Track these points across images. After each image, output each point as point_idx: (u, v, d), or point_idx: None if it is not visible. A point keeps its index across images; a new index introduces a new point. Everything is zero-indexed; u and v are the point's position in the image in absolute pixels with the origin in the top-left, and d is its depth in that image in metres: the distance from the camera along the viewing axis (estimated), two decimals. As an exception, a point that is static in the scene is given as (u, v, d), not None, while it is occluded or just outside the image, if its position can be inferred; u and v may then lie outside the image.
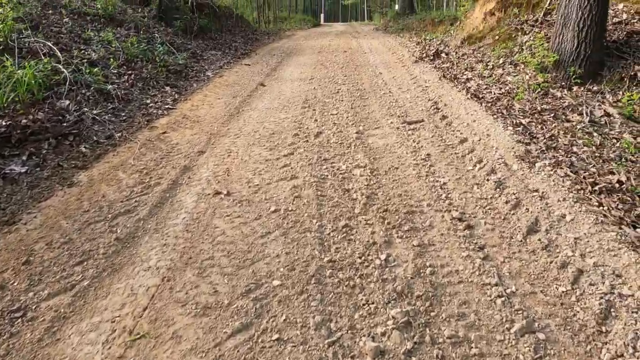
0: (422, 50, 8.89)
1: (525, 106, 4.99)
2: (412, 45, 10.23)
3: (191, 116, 4.89)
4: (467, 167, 3.50)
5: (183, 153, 3.77)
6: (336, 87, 6.25)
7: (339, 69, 7.74)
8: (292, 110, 5.13)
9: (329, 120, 4.74)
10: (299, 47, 11.36)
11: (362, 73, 7.29)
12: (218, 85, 6.49)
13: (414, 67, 7.52)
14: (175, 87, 5.94)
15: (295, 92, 6.05)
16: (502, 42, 7.11)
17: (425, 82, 6.36)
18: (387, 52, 9.52)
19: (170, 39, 7.71)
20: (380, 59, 8.57)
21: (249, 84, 6.58)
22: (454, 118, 4.68)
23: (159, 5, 8.35)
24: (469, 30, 8.38)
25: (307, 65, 8.14)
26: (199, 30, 9.28)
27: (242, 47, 10.22)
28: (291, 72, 7.51)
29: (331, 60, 8.65)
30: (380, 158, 3.68)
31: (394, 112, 4.99)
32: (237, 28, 12.50)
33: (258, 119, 4.81)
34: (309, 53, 9.94)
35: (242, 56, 9.21)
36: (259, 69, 7.84)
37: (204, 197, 2.97)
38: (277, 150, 3.84)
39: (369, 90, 6.06)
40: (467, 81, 6.21)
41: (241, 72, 7.59)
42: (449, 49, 8.40)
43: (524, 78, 5.85)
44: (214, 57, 8.33)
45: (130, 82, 5.48)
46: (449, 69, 7.06)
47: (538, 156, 3.59)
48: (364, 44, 11.47)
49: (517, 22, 7.22)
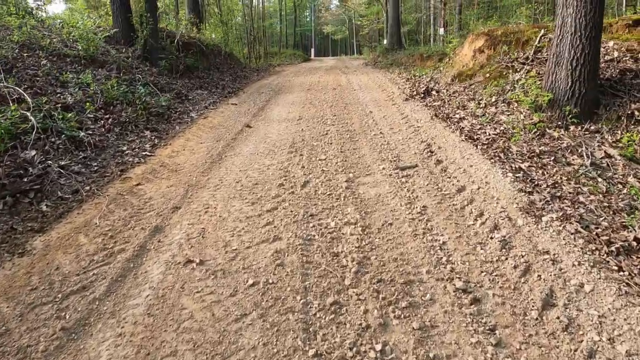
0: (413, 87, 8.79)
1: (522, 148, 4.76)
2: (402, 81, 10.17)
3: (169, 164, 4.58)
4: (467, 221, 3.19)
5: (156, 210, 3.43)
6: (325, 128, 6.01)
7: (328, 107, 7.56)
8: (278, 155, 4.85)
9: (317, 166, 4.46)
10: (288, 84, 11.27)
11: (351, 112, 7.10)
12: (202, 127, 6.22)
13: (404, 105, 7.36)
14: (155, 131, 5.65)
15: (282, 134, 5.79)
16: (494, 79, 7.00)
17: (417, 121, 6.16)
18: (376, 89, 9.42)
19: (154, 80, 7.50)
20: (370, 97, 8.43)
21: (234, 126, 6.32)
22: (450, 163, 4.42)
23: (143, 45, 8.20)
24: (459, 67, 8.31)
25: (295, 104, 7.96)
26: (185, 70, 9.13)
27: (230, 85, 10.06)
28: (279, 112, 7.29)
29: (320, 99, 8.49)
30: (373, 212, 3.37)
31: (386, 156, 4.73)
32: (225, 65, 12.44)
33: (241, 166, 4.50)
34: (298, 90, 9.81)
35: (229, 95, 9.03)
36: (246, 109, 7.62)
37: (173, 267, 2.60)
38: (260, 204, 3.52)
39: (359, 132, 5.83)
40: (460, 120, 6.02)
41: (227, 112, 7.36)
42: (440, 86, 8.30)
43: (519, 117, 5.67)
44: (200, 97, 8.12)
45: (107, 127, 5.19)
46: (441, 107, 6.89)
47: (543, 208, 3.31)
48: (353, 81, 11.41)
49: (508, 59, 7.14)
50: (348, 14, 49.59)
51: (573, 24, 5.28)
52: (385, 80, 11.04)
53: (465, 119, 6.07)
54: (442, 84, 8.43)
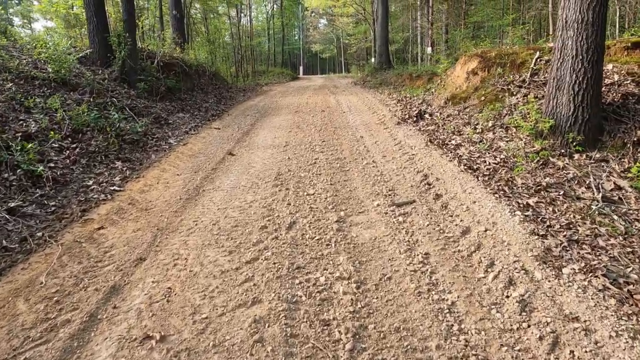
0: (404, 109, 8.48)
1: (527, 180, 4.40)
2: (393, 102, 9.87)
3: (140, 201, 4.10)
4: (477, 273, 2.77)
5: (116, 262, 2.94)
6: (313, 156, 5.61)
7: (316, 132, 7.17)
8: (262, 189, 4.41)
9: (305, 202, 4.02)
10: (275, 105, 10.91)
11: (341, 137, 6.72)
12: (180, 155, 5.76)
13: (397, 129, 7.01)
14: (128, 161, 5.17)
15: (268, 163, 5.37)
16: (489, 103, 6.71)
17: (411, 148, 5.80)
18: (367, 111, 9.09)
19: (131, 103, 7.05)
20: (361, 120, 8.09)
21: (216, 154, 5.88)
22: (450, 198, 4.03)
23: (121, 67, 7.77)
24: (452, 89, 8.04)
25: (282, 128, 7.56)
26: (166, 92, 8.70)
27: (214, 107, 9.64)
28: (264, 137, 6.88)
29: (308, 122, 8.11)
30: (368, 262, 2.93)
31: (380, 190, 4.32)
32: (210, 86, 12.03)
33: (220, 203, 4.04)
34: (285, 113, 9.44)
35: (212, 118, 8.60)
36: (230, 134, 7.19)
37: (126, 346, 2.12)
38: (239, 253, 3.05)
39: (349, 160, 5.44)
40: (457, 147, 5.67)
41: (209, 137, 6.93)
42: (432, 109, 8.00)
43: (519, 145, 5.34)
44: (181, 121, 7.68)
45: (73, 158, 4.70)
46: (435, 132, 6.56)
47: (561, 256, 2.91)
48: (342, 102, 11.10)
49: (503, 82, 6.87)
50: (336, 33, 50.01)
51: (574, 46, 5.02)
52: (375, 101, 10.75)
53: (462, 145, 5.73)
54: (435, 106, 8.14)
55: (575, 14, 4.97)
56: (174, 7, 13.68)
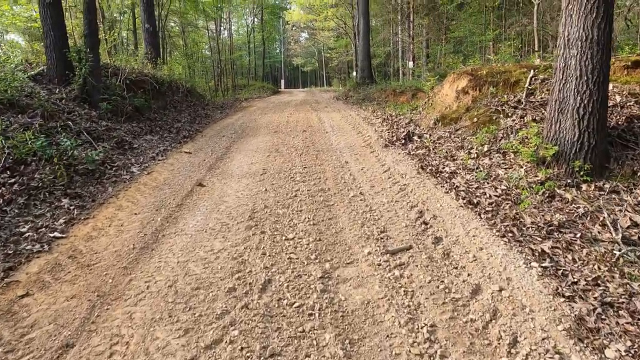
0: (391, 130, 7.98)
1: (536, 217, 3.89)
2: (378, 121, 9.38)
3: (83, 252, 3.40)
4: (498, 356, 2.19)
5: (33, 352, 2.25)
6: (293, 187, 5.00)
7: (297, 156, 6.58)
8: (233, 232, 3.77)
9: (283, 251, 3.40)
10: (253, 124, 10.29)
11: (324, 162, 6.14)
12: (142, 188, 5.08)
13: (384, 153, 6.48)
14: (78, 198, 4.46)
15: (242, 197, 4.73)
16: (483, 125, 6.26)
17: (401, 176, 5.26)
18: (351, 131, 8.56)
19: (90, 126, 6.33)
20: (345, 142, 7.54)
21: (184, 185, 5.21)
22: (452, 242, 3.47)
23: (82, 85, 7.05)
24: (441, 109, 7.59)
25: (260, 152, 6.94)
26: (133, 111, 7.99)
27: (187, 128, 8.94)
28: (240, 163, 6.25)
29: (288, 144, 7.52)
30: (361, 340, 2.33)
31: (371, 231, 3.74)
32: (185, 103, 11.34)
33: (182, 254, 3.39)
34: (264, 133, 8.83)
35: (184, 140, 7.91)
36: (201, 159, 6.53)
37: None
38: (197, 332, 2.40)
39: (334, 191, 4.85)
40: (452, 176, 5.15)
41: (178, 164, 6.25)
42: (421, 130, 7.51)
43: (520, 173, 4.85)
44: (148, 145, 6.98)
45: (7, 197, 3.98)
46: (426, 156, 6.05)
47: (598, 329, 2.36)
48: (325, 119, 10.57)
49: (497, 102, 6.44)
50: (317, 47, 50.04)
51: (578, 66, 4.59)
52: (358, 119, 10.25)
53: (458, 173, 5.22)
54: (423, 127, 7.66)
55: (578, 31, 4.55)
56: (147, 21, 12.98)
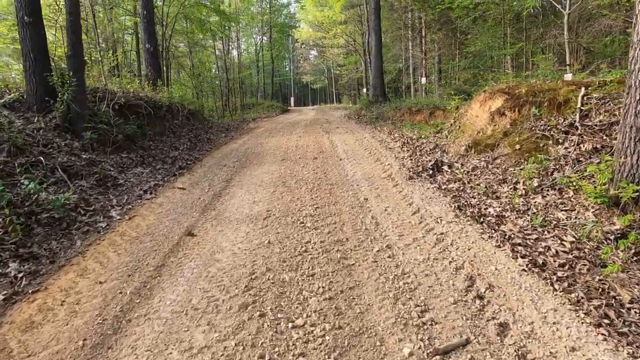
0: (414, 156, 7.01)
1: (633, 290, 2.86)
2: (397, 145, 8.42)
3: (13, 354, 2.46)
4: None
5: None
6: (303, 238, 4.04)
7: (307, 192, 5.63)
8: (223, 316, 2.80)
9: (288, 350, 2.42)
10: (259, 149, 9.40)
11: (340, 200, 5.18)
12: (119, 240, 4.16)
13: (410, 187, 5.50)
14: (32, 259, 3.55)
15: (239, 253, 3.78)
16: (527, 153, 5.26)
17: (436, 221, 4.27)
18: (367, 158, 7.60)
19: (68, 161, 5.47)
20: (362, 172, 6.58)
21: (170, 234, 4.28)
22: (525, 335, 2.46)
23: (64, 112, 6.25)
24: (472, 133, 6.61)
25: (264, 186, 6.01)
26: (124, 140, 7.16)
27: (185, 157, 8.06)
28: (240, 202, 5.32)
29: (297, 176, 6.58)
30: None
31: (408, 311, 2.74)
32: (185, 127, 10.52)
33: (148, 356, 2.42)
34: (270, 161, 7.92)
35: (180, 172, 7.02)
36: (196, 197, 5.61)
37: None
38: None
39: (354, 244, 3.88)
40: (500, 221, 4.14)
41: (168, 204, 5.34)
42: (450, 157, 6.53)
43: (587, 217, 3.83)
44: (136, 180, 6.10)
45: None
46: (462, 192, 5.05)
47: None
48: (337, 143, 9.65)
49: (542, 126, 5.45)
50: (327, 64, 49.69)
51: (666, 85, 3.61)
52: (374, 142, 9.31)
53: (506, 217, 4.21)
54: (452, 154, 6.68)
55: (667, 40, 3.58)
56: (147, 41, 12.30)
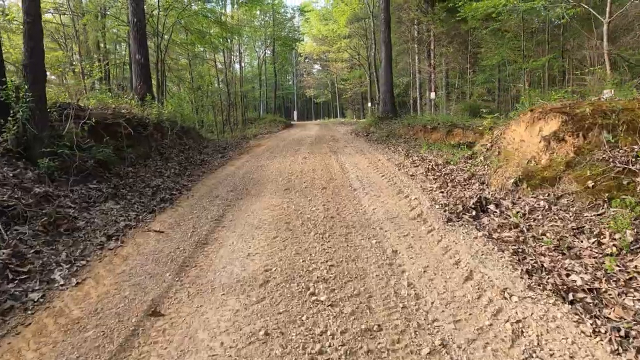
0: (445, 188, 5.76)
1: None
2: (419, 172, 7.19)
3: None
4: None
5: None
6: (315, 326, 2.78)
7: (317, 239, 4.39)
8: None
9: None
10: (259, 174, 8.17)
11: (361, 254, 3.94)
12: (49, 327, 2.91)
13: (451, 235, 4.25)
14: None
15: (220, 353, 2.52)
16: (606, 192, 4.01)
17: (502, 296, 3.00)
18: (387, 188, 6.36)
19: (9, 199, 4.26)
20: (384, 208, 5.34)
21: (127, 315, 3.03)
22: None
23: (18, 135, 5.09)
24: (520, 161, 5.37)
25: (263, 229, 4.77)
26: (94, 167, 5.96)
27: (170, 185, 6.83)
28: (231, 254, 4.08)
29: (304, 213, 5.34)
30: None
31: None
32: (176, 148, 9.34)
33: None
34: (271, 191, 6.68)
35: (161, 206, 5.77)
36: (174, 245, 4.37)
37: None
38: None
39: (391, 338, 2.61)
40: (598, 300, 2.86)
41: (135, 257, 4.10)
42: (494, 192, 5.28)
43: None
44: (102, 220, 4.87)
45: None
46: (522, 244, 3.79)
47: None
48: (348, 167, 8.42)
49: (622, 157, 4.22)
50: (330, 78, 48.95)
51: None
52: (391, 166, 8.08)
53: (604, 292, 2.94)
54: (495, 187, 5.43)
55: None
56: (137, 51, 11.21)
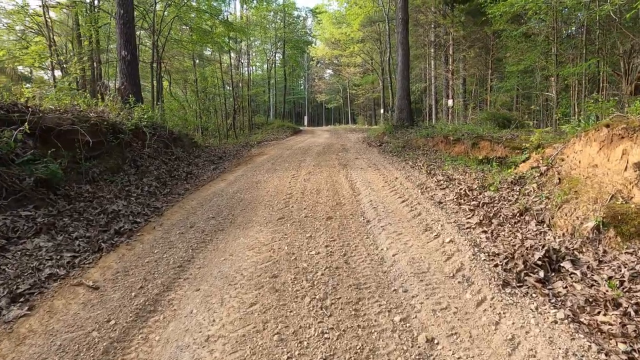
0: (488, 227, 4.35)
1: None
2: (449, 198, 5.77)
3: None
4: None
5: None
6: None
7: (311, 311, 3.01)
8: None
9: None
10: (252, 195, 6.81)
11: (377, 342, 2.56)
12: None
13: (513, 312, 2.84)
14: None
15: None
16: None
17: None
18: (410, 222, 4.96)
19: None
20: (407, 255, 3.93)
21: None
22: None
23: None
24: (599, 196, 3.93)
25: (238, 288, 3.39)
26: (33, 187, 4.67)
27: (135, 209, 5.40)
28: (181, 336, 2.71)
29: (299, 260, 3.96)
30: None
31: None
32: (158, 159, 8.00)
33: None
34: (262, 220, 5.30)
35: (112, 241, 4.40)
36: (106, 314, 3.01)
37: None
38: None
39: None
40: None
41: (39, 337, 2.76)
42: (565, 239, 3.84)
43: None
44: (16, 268, 3.52)
45: None
46: (635, 342, 2.36)
47: None
48: (360, 186, 7.03)
49: None
50: (342, 83, 47.78)
51: None
52: (412, 188, 6.68)
53: None
54: (563, 232, 3.99)
55: None
56: (124, 47, 9.97)
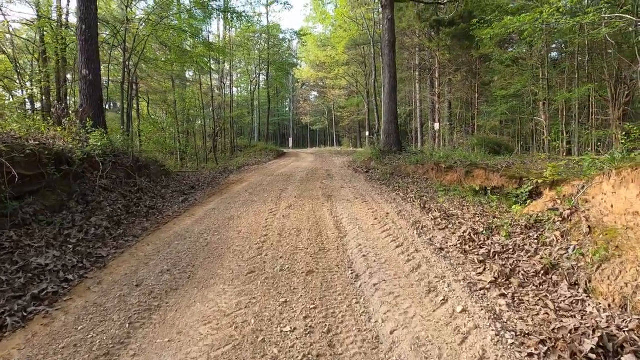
0: (508, 289, 3.47)
1: None
2: (451, 242, 4.91)
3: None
4: None
5: None
6: None
7: None
8: None
9: None
10: (220, 236, 5.81)
11: None
12: None
13: None
14: None
15: None
16: None
17: None
18: (409, 277, 4.05)
19: None
20: (410, 332, 2.97)
21: None
22: None
23: None
24: None
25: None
26: None
27: (69, 262, 4.36)
28: None
29: (266, 342, 3.00)
30: None
31: None
32: (116, 191, 6.95)
33: None
34: (227, 275, 4.32)
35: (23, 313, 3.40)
36: None
37: None
38: None
39: None
40: None
41: None
42: (615, 315, 2.98)
43: None
44: None
45: None
46: None
47: None
48: (347, 225, 6.12)
49: None
50: (328, 105, 47.52)
51: None
52: (406, 227, 5.80)
53: None
54: (609, 303, 3.13)
55: None
56: (85, 65, 8.98)
